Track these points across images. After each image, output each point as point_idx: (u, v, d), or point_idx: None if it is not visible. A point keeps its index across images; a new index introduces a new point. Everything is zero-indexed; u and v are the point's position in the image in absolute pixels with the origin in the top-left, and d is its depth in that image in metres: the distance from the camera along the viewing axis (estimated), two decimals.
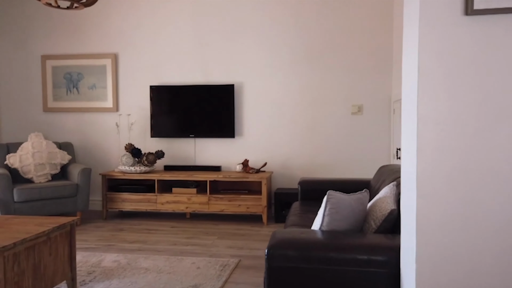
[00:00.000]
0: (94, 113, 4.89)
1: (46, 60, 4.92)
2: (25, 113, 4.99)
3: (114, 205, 4.43)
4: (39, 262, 2.18)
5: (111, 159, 4.84)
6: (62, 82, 4.92)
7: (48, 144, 4.39)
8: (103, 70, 4.83)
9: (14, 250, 1.99)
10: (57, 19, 4.86)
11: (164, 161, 4.71)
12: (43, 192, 3.95)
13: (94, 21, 4.81)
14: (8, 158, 4.16)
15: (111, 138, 4.85)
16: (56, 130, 4.95)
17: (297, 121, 4.53)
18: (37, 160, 4.21)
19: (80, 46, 4.86)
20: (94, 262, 3.07)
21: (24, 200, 3.85)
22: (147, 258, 3.15)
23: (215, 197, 4.27)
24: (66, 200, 4.07)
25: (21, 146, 4.30)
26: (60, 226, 2.34)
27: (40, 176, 4.20)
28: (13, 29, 4.93)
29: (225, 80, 4.62)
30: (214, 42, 4.62)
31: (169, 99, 4.66)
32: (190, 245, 3.52)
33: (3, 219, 2.45)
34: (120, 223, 4.27)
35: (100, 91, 4.85)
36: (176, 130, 4.67)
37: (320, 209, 1.92)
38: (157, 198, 4.36)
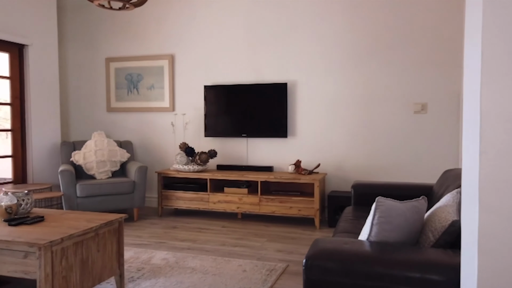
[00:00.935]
0: (152, 113, 5.04)
1: (109, 62, 5.17)
2: (91, 113, 5.29)
3: (169, 202, 4.52)
4: (87, 258, 2.24)
5: (167, 158, 4.96)
6: (124, 83, 5.14)
7: (109, 142, 4.60)
8: (161, 71, 4.96)
9: (62, 245, 2.05)
10: (120, 23, 5.09)
11: (217, 160, 4.72)
12: (103, 188, 4.14)
13: (153, 23, 4.96)
14: (73, 155, 4.42)
15: (168, 137, 4.97)
16: (118, 129, 5.19)
17: (353, 120, 4.28)
18: (99, 157, 4.43)
19: (140, 48, 5.04)
20: (145, 259, 3.13)
21: (85, 195, 4.06)
22: (195, 258, 3.14)
23: (266, 198, 4.19)
24: (124, 196, 4.23)
25: (85, 144, 4.55)
26: (108, 223, 2.39)
27: (101, 172, 4.41)
28: (81, 33, 5.25)
29: (278, 78, 4.51)
30: (267, 40, 4.53)
31: (222, 98, 4.66)
32: (239, 247, 3.46)
33: (59, 214, 2.56)
34: (174, 221, 4.35)
35: (158, 92, 5.00)
36: (228, 130, 4.66)
37: (369, 217, 1.73)
38: (209, 197, 4.37)
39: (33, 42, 4.43)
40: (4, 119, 4.45)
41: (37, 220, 2.35)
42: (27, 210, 2.55)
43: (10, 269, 2.00)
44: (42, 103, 4.55)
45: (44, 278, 1.94)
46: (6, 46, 4.20)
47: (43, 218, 2.41)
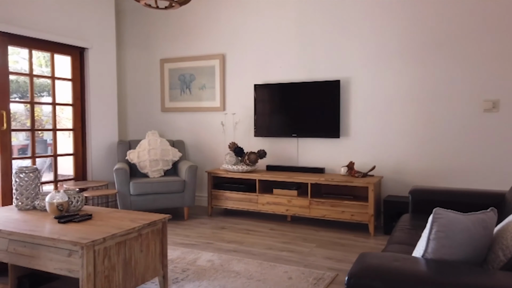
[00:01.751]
0: (203, 113, 5.07)
1: (164, 63, 5.28)
2: (147, 113, 5.44)
3: (219, 202, 4.51)
4: (130, 258, 2.24)
5: (218, 157, 4.96)
6: (177, 83, 5.22)
7: (162, 141, 4.69)
8: (212, 71, 4.97)
9: (104, 244, 2.06)
10: (174, 24, 5.17)
11: (267, 160, 4.62)
12: (155, 186, 4.21)
13: (205, 23, 4.98)
14: (128, 154, 4.55)
15: (218, 136, 4.97)
16: (171, 128, 5.28)
17: (412, 119, 3.96)
18: (152, 156, 4.53)
19: (193, 48, 5.09)
20: (190, 260, 3.11)
21: (138, 193, 4.16)
22: (240, 261, 3.07)
23: (316, 201, 4.01)
24: (175, 195, 4.28)
25: (140, 143, 4.67)
26: (151, 223, 2.38)
27: (154, 171, 4.50)
28: (138, 36, 5.42)
29: (330, 75, 4.31)
30: (319, 36, 4.34)
31: (272, 97, 4.55)
32: (286, 251, 3.33)
33: (106, 212, 2.61)
34: (222, 221, 4.32)
35: (209, 91, 5.01)
36: (278, 130, 4.54)
37: (425, 230, 1.52)
38: (258, 198, 4.28)
39: (93, 45, 4.63)
40: (67, 119, 4.71)
41: (85, 218, 2.40)
42: (78, 208, 2.62)
43: (56, 266, 2.05)
44: (101, 104, 4.75)
45: (86, 277, 1.96)
46: (69, 50, 4.43)
47: (91, 216, 2.46)
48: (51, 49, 4.25)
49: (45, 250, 2.08)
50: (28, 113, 4.22)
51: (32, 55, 4.11)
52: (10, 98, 3.89)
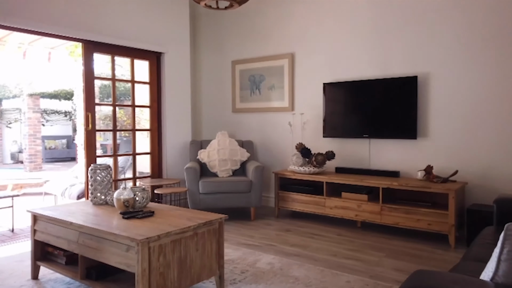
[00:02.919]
0: (272, 113, 5.04)
1: (235, 65, 5.36)
2: (219, 114, 5.58)
3: (285, 204, 4.43)
4: (185, 256, 2.28)
5: (286, 158, 4.89)
6: (247, 84, 5.26)
7: (231, 142, 4.76)
8: (281, 71, 4.91)
9: (159, 242, 2.12)
10: (245, 26, 5.23)
11: (336, 162, 4.43)
12: (222, 186, 4.29)
13: (275, 23, 4.94)
14: (199, 154, 4.70)
15: (286, 137, 4.89)
16: (241, 129, 5.35)
17: (502, 120, 3.47)
18: (221, 156, 4.62)
19: (262, 49, 5.08)
20: (251, 261, 3.09)
21: (207, 192, 4.27)
22: (301, 266, 2.96)
23: (389, 207, 3.72)
24: (242, 195, 4.30)
25: (210, 143, 4.80)
26: (206, 223, 2.40)
27: (223, 171, 4.59)
28: (212, 39, 5.58)
29: (406, 71, 3.97)
30: (394, 29, 4.03)
31: (343, 96, 4.34)
32: (352, 259, 3.14)
33: (167, 210, 2.69)
34: (288, 223, 4.24)
35: (278, 91, 4.96)
36: (349, 130, 4.31)
37: (495, 249, 1.29)
38: (326, 201, 4.12)
39: (168, 49, 4.87)
40: (146, 120, 5.02)
41: (147, 215, 2.50)
42: (143, 205, 2.75)
43: (116, 260, 2.16)
44: (176, 106, 4.98)
45: (141, 272, 2.03)
46: (146, 55, 4.71)
47: (153, 213, 2.56)
48: (131, 55, 4.56)
49: (108, 244, 2.20)
50: (128, 115, 4.58)
51: (115, 61, 4.46)
52: (95, 101, 4.25)
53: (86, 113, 4.13)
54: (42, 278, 2.76)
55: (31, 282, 2.69)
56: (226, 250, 3.35)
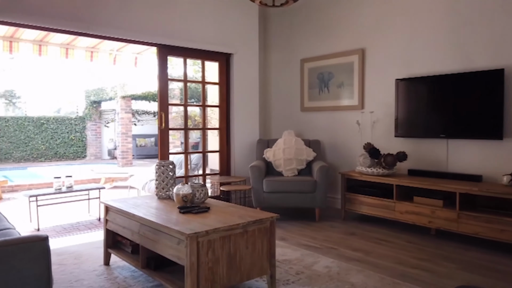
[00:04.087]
0: (341, 112, 4.87)
1: (304, 63, 5.29)
2: (288, 113, 5.56)
3: (352, 206, 4.25)
4: (235, 253, 2.30)
5: (354, 158, 4.68)
6: (316, 82, 5.16)
7: (297, 141, 4.70)
8: (351, 68, 4.72)
9: (208, 237, 2.17)
10: (314, 23, 5.13)
11: (409, 164, 4.12)
12: (286, 185, 4.26)
13: (344, 19, 4.77)
14: (265, 152, 4.73)
15: (355, 136, 4.69)
16: (309, 128, 5.26)
17: None
18: (286, 155, 4.59)
19: (331, 45, 4.94)
20: (308, 263, 3.02)
21: (270, 191, 4.28)
22: (360, 272, 2.81)
23: (467, 215, 3.36)
24: (306, 195, 4.23)
25: (276, 142, 4.80)
26: (257, 221, 2.40)
27: (288, 170, 4.56)
28: (282, 38, 5.58)
29: (491, 64, 3.55)
30: (476, 18, 3.62)
31: (417, 92, 4.03)
32: (419, 269, 2.89)
33: (222, 207, 2.75)
34: (354, 227, 4.06)
35: (347, 89, 4.78)
36: (424, 129, 3.99)
37: None
38: (395, 205, 3.86)
39: (237, 50, 4.98)
40: (216, 119, 5.20)
41: (202, 211, 2.58)
42: (201, 200, 2.85)
43: (169, 252, 2.26)
44: (244, 105, 5.07)
45: (190, 265, 2.10)
46: (216, 56, 4.88)
47: (208, 209, 2.63)
48: (202, 57, 4.76)
49: (162, 236, 2.32)
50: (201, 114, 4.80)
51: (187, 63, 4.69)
52: (168, 101, 4.51)
53: (160, 113, 4.41)
54: (112, 264, 3.01)
55: (102, 268, 2.95)
56: (285, 250, 3.32)
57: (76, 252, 3.32)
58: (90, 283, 2.67)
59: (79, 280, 2.71)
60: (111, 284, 2.65)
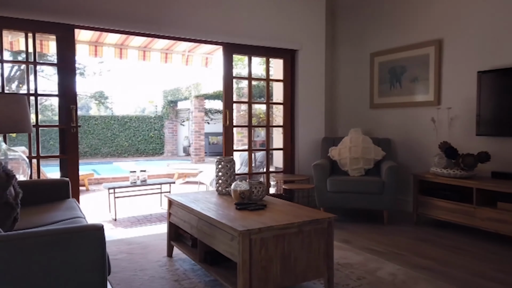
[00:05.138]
0: (414, 108, 4.53)
1: (374, 57, 5.02)
2: (356, 110, 5.33)
3: (426, 210, 3.93)
4: (289, 253, 2.23)
5: (428, 158, 4.32)
6: (387, 77, 4.87)
7: (364, 139, 4.48)
8: (426, 60, 4.37)
9: (261, 235, 2.13)
10: (386, 15, 4.84)
11: (493, 166, 3.69)
12: (351, 185, 4.07)
13: (418, 8, 4.43)
14: (330, 151, 4.57)
15: (430, 135, 4.33)
16: (379, 126, 4.98)
17: None
18: (352, 154, 4.39)
19: (404, 37, 4.62)
20: (371, 268, 2.84)
21: (334, 191, 4.12)
22: (430, 283, 2.57)
23: None
24: (372, 196, 4.00)
25: (342, 140, 4.61)
26: (312, 221, 2.30)
27: (354, 169, 4.36)
28: (350, 32, 5.36)
29: None
30: None
31: (503, 86, 3.59)
32: (497, 283, 2.57)
33: (280, 205, 2.69)
34: (427, 232, 3.74)
35: (421, 84, 4.43)
36: (511, 127, 3.54)
37: None
38: (475, 211, 3.48)
39: (303, 46, 4.88)
40: (281, 117, 5.15)
41: (258, 208, 2.55)
42: (259, 197, 2.82)
43: (223, 248, 2.27)
44: (309, 102, 4.96)
45: (242, 263, 2.08)
46: (281, 53, 4.83)
47: (264, 206, 2.60)
48: (266, 54, 4.74)
49: (217, 231, 2.33)
50: (270, 112, 4.83)
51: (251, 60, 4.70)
52: (233, 99, 4.57)
53: (224, 110, 4.48)
54: (175, 256, 3.12)
55: (165, 259, 3.07)
56: (347, 252, 3.16)
57: (144, 243, 3.50)
58: (152, 273, 2.78)
59: (143, 270, 2.84)
60: (171, 275, 2.74)
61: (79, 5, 3.64)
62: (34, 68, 3.73)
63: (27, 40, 3.64)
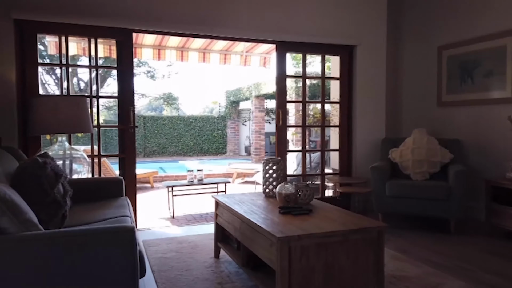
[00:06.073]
0: (488, 106, 4.06)
1: (442, 51, 4.60)
2: (421, 108, 4.92)
3: (500, 220, 3.49)
4: (333, 263, 2.08)
5: (504, 163, 3.84)
6: (456, 72, 4.43)
7: (430, 140, 4.11)
8: (502, 52, 3.89)
9: (301, 242, 2.00)
10: (454, 4, 4.41)
11: None
12: (413, 190, 3.75)
13: None
14: (390, 153, 4.27)
15: (507, 136, 3.84)
16: (447, 125, 4.55)
17: None
18: (415, 156, 4.06)
19: (476, 28, 4.16)
20: (431, 283, 2.57)
21: (394, 195, 3.82)
22: None
23: None
24: (438, 202, 3.65)
25: (405, 141, 4.28)
26: (360, 230, 2.12)
27: (417, 173, 4.02)
28: (415, 25, 4.96)
29: None
30: None
31: None
32: None
33: (327, 209, 2.53)
34: (500, 245, 3.33)
35: (497, 79, 3.96)
36: None
37: None
38: None
39: (361, 42, 4.62)
40: (337, 116, 4.93)
41: (302, 213, 2.42)
42: (305, 201, 2.68)
43: (263, 254, 2.17)
44: (368, 100, 4.68)
45: (280, 271, 1.97)
46: (338, 50, 4.60)
47: (310, 211, 2.46)
48: (322, 51, 4.56)
49: (258, 236, 2.24)
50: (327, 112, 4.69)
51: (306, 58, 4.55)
52: (286, 99, 4.46)
53: (277, 110, 4.38)
54: (222, 258, 3.09)
55: (212, 260, 3.06)
56: (404, 264, 2.90)
57: (194, 242, 3.53)
58: (197, 274, 2.78)
59: (189, 270, 2.85)
60: (215, 277, 2.71)
61: (137, 10, 3.78)
62: (96, 71, 3.94)
63: (90, 45, 3.85)
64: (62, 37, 3.77)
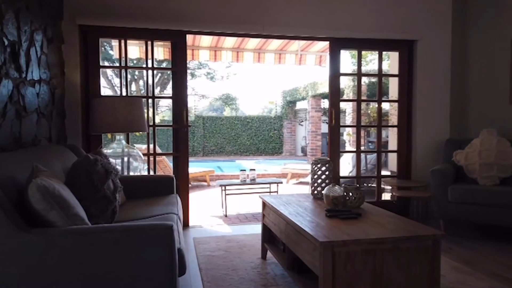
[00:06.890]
0: None
1: None
2: (491, 106, 4.48)
3: None
4: (381, 272, 1.94)
5: None
6: None
7: (500, 142, 3.73)
8: None
9: (346, 248, 1.89)
10: None
11: None
12: (480, 195, 3.42)
13: None
14: (455, 155, 3.94)
15: None
16: None
17: None
18: (483, 159, 3.70)
19: None
20: None
21: (457, 201, 3.52)
22: None
23: None
24: (508, 210, 3.29)
25: (471, 142, 3.93)
26: (412, 237, 1.96)
27: (485, 177, 3.67)
28: (485, 14, 4.53)
29: None
30: None
31: None
32: None
33: (377, 214, 2.38)
34: None
35: None
36: None
37: None
38: None
39: (423, 36, 4.32)
40: (396, 116, 4.66)
41: (350, 217, 2.30)
42: (355, 205, 2.55)
43: (306, 258, 2.09)
44: (430, 98, 4.36)
45: (323, 277, 1.88)
46: (396, 45, 4.35)
47: (358, 215, 2.33)
48: (378, 48, 4.33)
49: (302, 239, 2.16)
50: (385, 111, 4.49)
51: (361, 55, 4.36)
52: (340, 97, 4.30)
53: (330, 109, 4.24)
54: (268, 259, 3.05)
55: (258, 261, 3.02)
56: (467, 277, 2.65)
57: (243, 242, 3.52)
58: (243, 274, 2.76)
59: (235, 270, 2.84)
60: (260, 279, 2.67)
61: (189, 12, 3.85)
62: (152, 72, 4.09)
63: (147, 47, 4.01)
64: (121, 40, 3.96)
